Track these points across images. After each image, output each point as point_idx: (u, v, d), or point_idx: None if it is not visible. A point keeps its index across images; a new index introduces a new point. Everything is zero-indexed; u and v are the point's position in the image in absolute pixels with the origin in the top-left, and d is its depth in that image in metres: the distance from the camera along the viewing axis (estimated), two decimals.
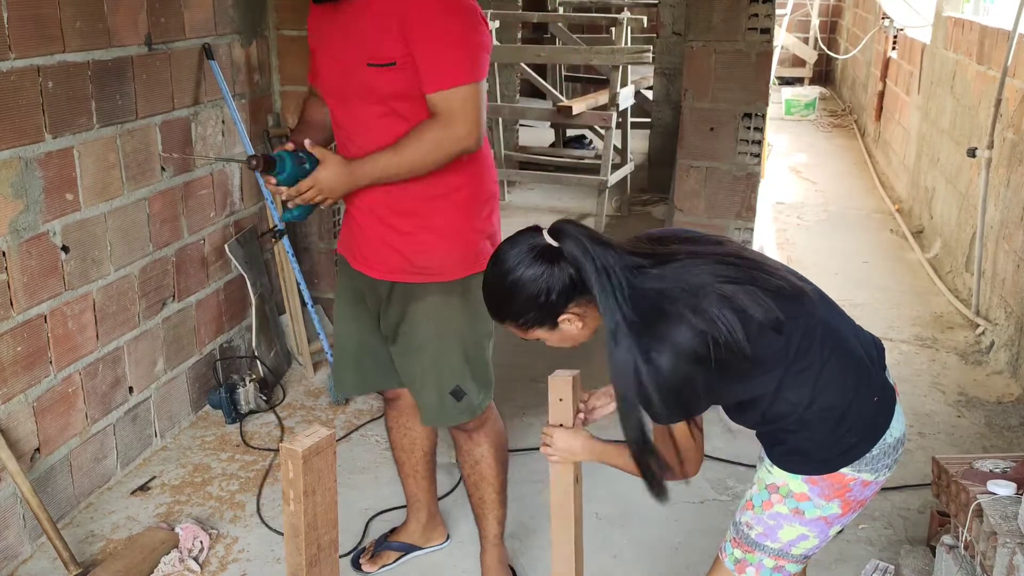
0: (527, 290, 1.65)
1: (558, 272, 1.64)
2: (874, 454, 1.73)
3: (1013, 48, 4.19)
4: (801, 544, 1.77)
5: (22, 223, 2.61)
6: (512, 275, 1.66)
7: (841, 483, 1.72)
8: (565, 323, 1.69)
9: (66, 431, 2.85)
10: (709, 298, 1.57)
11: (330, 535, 1.88)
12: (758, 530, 1.78)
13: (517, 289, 1.66)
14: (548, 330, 1.71)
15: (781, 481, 1.75)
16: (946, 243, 5.19)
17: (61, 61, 2.71)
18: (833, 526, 1.77)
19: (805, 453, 1.72)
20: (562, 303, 1.66)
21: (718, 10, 3.63)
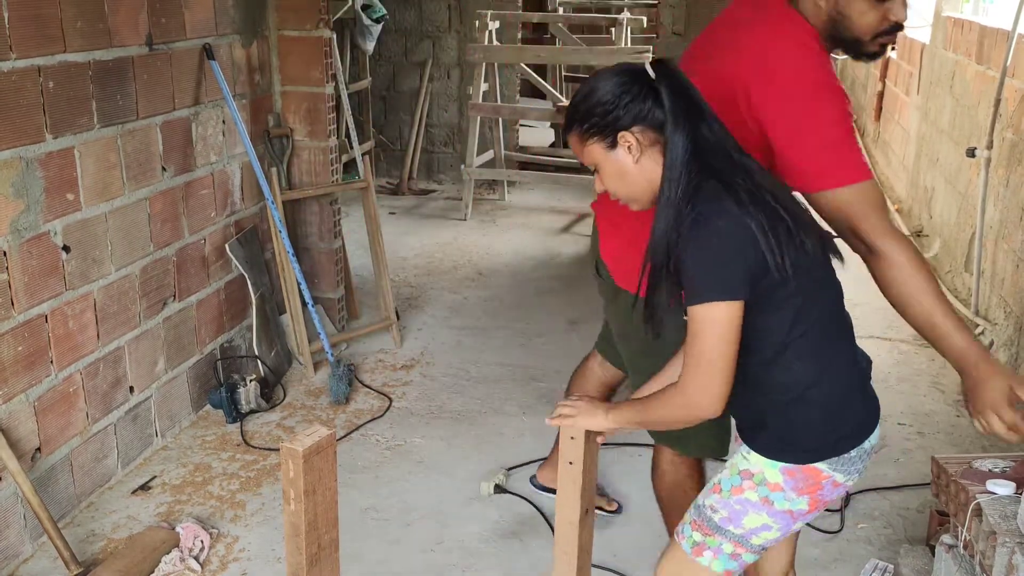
0: (604, 89, 1.68)
1: (638, 91, 1.66)
2: (852, 455, 1.74)
3: (1012, 48, 4.19)
4: (763, 534, 1.77)
5: (23, 223, 2.62)
6: (600, 77, 1.70)
7: (815, 479, 1.72)
8: (623, 144, 1.69)
9: (67, 431, 2.85)
10: (768, 205, 1.61)
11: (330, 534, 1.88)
12: (722, 514, 1.78)
13: (597, 88, 1.69)
14: (605, 148, 1.71)
15: (757, 468, 1.75)
16: (945, 243, 5.20)
17: (62, 61, 2.71)
18: (797, 521, 1.77)
19: (792, 440, 1.72)
20: (628, 119, 1.67)
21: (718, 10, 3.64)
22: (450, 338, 4.33)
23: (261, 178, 3.71)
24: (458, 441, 3.41)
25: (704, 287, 1.60)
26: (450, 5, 6.98)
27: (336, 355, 3.89)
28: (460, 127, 7.14)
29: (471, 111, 6.31)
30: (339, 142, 4.29)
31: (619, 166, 1.71)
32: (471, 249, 5.70)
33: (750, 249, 1.58)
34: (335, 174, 4.12)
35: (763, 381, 1.73)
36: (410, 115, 7.13)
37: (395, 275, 5.08)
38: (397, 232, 5.92)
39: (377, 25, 6.21)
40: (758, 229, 1.58)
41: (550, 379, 3.86)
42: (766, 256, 1.59)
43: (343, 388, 3.68)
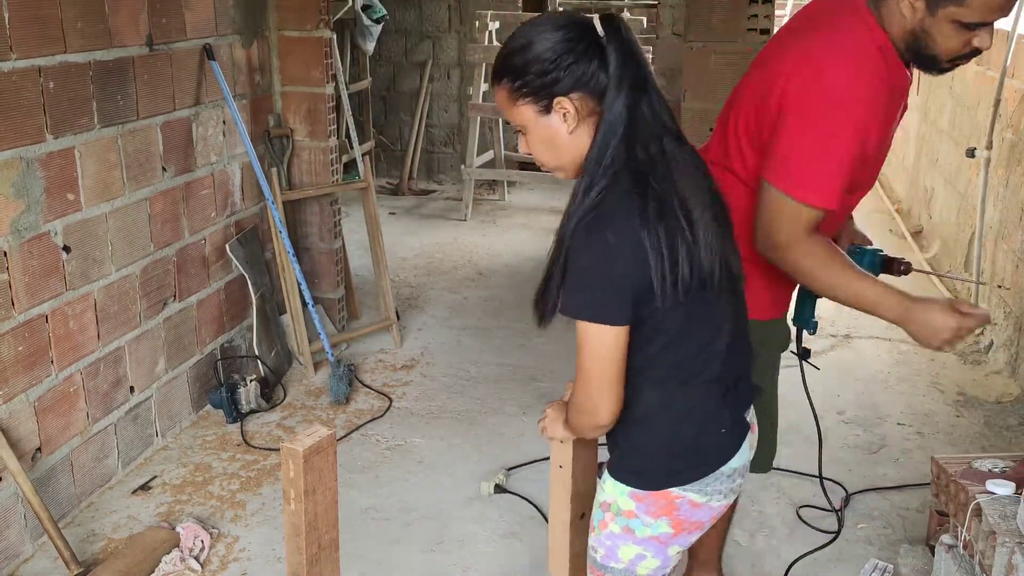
0: (545, 43, 1.46)
1: (583, 50, 1.46)
2: (706, 479, 1.61)
3: (1012, 48, 4.19)
4: (643, 564, 1.67)
5: (23, 223, 2.62)
6: (541, 26, 1.48)
7: (667, 500, 1.61)
8: (558, 111, 1.49)
9: (67, 431, 2.85)
10: (675, 216, 1.46)
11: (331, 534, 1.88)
12: (601, 552, 1.70)
13: (536, 40, 1.47)
14: (537, 112, 1.50)
15: (611, 498, 1.66)
16: (945, 243, 5.20)
17: (62, 61, 2.71)
18: (670, 546, 1.66)
19: (633, 462, 1.63)
20: (568, 83, 1.46)
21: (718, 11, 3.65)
22: (450, 338, 4.34)
23: (261, 178, 3.71)
24: (458, 441, 3.41)
25: (582, 304, 1.48)
26: (450, 5, 6.98)
27: (336, 355, 3.89)
28: (460, 127, 7.15)
29: (471, 111, 6.31)
30: (339, 142, 4.29)
31: (550, 133, 1.51)
32: (471, 249, 5.71)
33: (637, 272, 1.44)
34: (335, 174, 4.12)
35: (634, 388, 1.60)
36: (410, 115, 7.14)
37: (395, 275, 5.09)
38: (397, 232, 5.93)
39: (377, 25, 6.22)
40: (652, 249, 1.43)
41: (550, 379, 3.86)
42: (653, 281, 1.44)
43: (343, 388, 3.68)
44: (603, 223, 1.44)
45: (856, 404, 3.69)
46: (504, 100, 1.53)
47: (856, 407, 3.67)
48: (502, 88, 1.52)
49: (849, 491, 3.07)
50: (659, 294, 1.45)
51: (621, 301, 1.46)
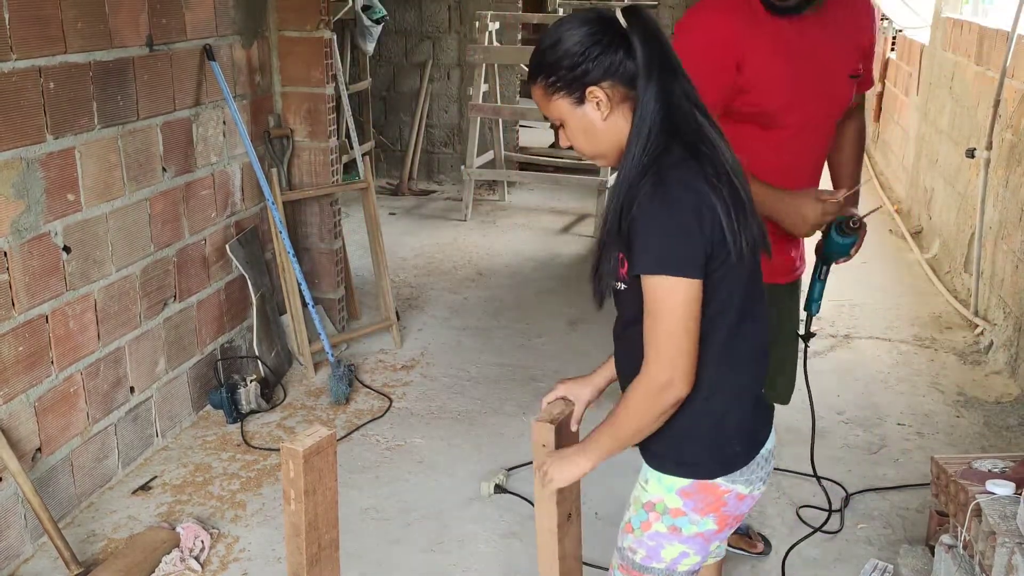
0: (572, 39, 1.54)
1: (608, 41, 1.53)
2: (750, 465, 1.64)
3: (1012, 49, 4.20)
4: (684, 562, 1.68)
5: (24, 223, 2.62)
6: (568, 23, 1.56)
7: (715, 496, 1.62)
8: (591, 100, 1.55)
9: (67, 431, 2.86)
10: (731, 181, 1.52)
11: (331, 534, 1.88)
12: (641, 553, 1.69)
13: (564, 36, 1.55)
14: (572, 103, 1.57)
15: (657, 498, 1.65)
16: (945, 243, 5.20)
17: (63, 62, 2.72)
18: (712, 542, 1.68)
19: (683, 453, 1.62)
20: (598, 73, 1.53)
21: None
22: (450, 338, 4.34)
23: (261, 178, 3.72)
24: (458, 441, 3.41)
25: (662, 259, 1.47)
26: (450, 6, 6.98)
27: (336, 355, 3.89)
28: (460, 128, 7.15)
29: (471, 112, 6.31)
30: (339, 143, 4.29)
31: (586, 123, 1.58)
32: (471, 249, 5.71)
33: (711, 226, 1.47)
34: (335, 174, 4.12)
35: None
36: (410, 116, 7.14)
37: (395, 275, 5.09)
38: (397, 232, 5.93)
39: (377, 26, 6.22)
40: (722, 206, 1.48)
41: (550, 379, 3.86)
42: (726, 236, 1.48)
43: (343, 388, 3.68)
44: (670, 180, 1.48)
45: (856, 404, 3.69)
46: (541, 97, 1.60)
47: (856, 407, 3.67)
48: (538, 86, 1.60)
49: (849, 491, 3.07)
50: (732, 249, 1.48)
51: (697, 254, 1.47)
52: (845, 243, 2.28)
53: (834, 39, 2.17)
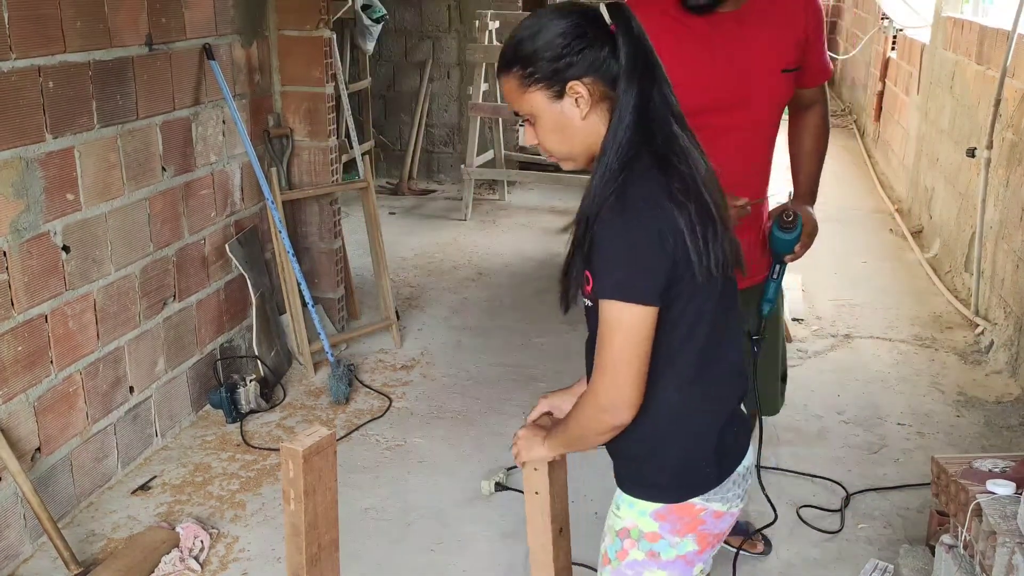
0: (555, 29, 1.45)
1: (593, 36, 1.45)
2: (725, 484, 1.57)
3: (1012, 48, 4.19)
4: None
5: (23, 223, 2.62)
6: (549, 14, 1.47)
7: (692, 515, 1.55)
8: (571, 95, 1.46)
9: (67, 431, 2.85)
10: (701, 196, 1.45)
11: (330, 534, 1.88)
12: None
13: (546, 26, 1.46)
14: (550, 98, 1.48)
15: (630, 523, 1.58)
16: (945, 243, 5.20)
17: (62, 61, 2.71)
18: (695, 565, 1.60)
19: (657, 475, 1.56)
20: (581, 67, 1.45)
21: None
22: (450, 338, 4.34)
23: (261, 178, 3.71)
24: (458, 441, 3.41)
25: (617, 283, 1.42)
26: (450, 5, 6.98)
27: (336, 355, 3.89)
28: (460, 127, 7.15)
29: (471, 111, 6.31)
30: (339, 142, 4.29)
31: (562, 120, 1.49)
32: (471, 249, 5.70)
33: (674, 247, 1.40)
34: (335, 174, 4.12)
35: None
36: (410, 115, 7.13)
37: (395, 275, 5.09)
38: (397, 232, 5.92)
39: (377, 25, 6.21)
40: (687, 225, 1.40)
41: (550, 379, 3.86)
42: (691, 256, 1.41)
43: (343, 388, 3.68)
44: (632, 200, 1.41)
45: (856, 404, 3.69)
46: (514, 89, 1.50)
47: (856, 407, 3.67)
48: (511, 77, 1.49)
49: (849, 491, 3.07)
50: (698, 270, 1.42)
51: (655, 280, 1.41)
52: (787, 239, 2.28)
53: (756, 35, 2.11)
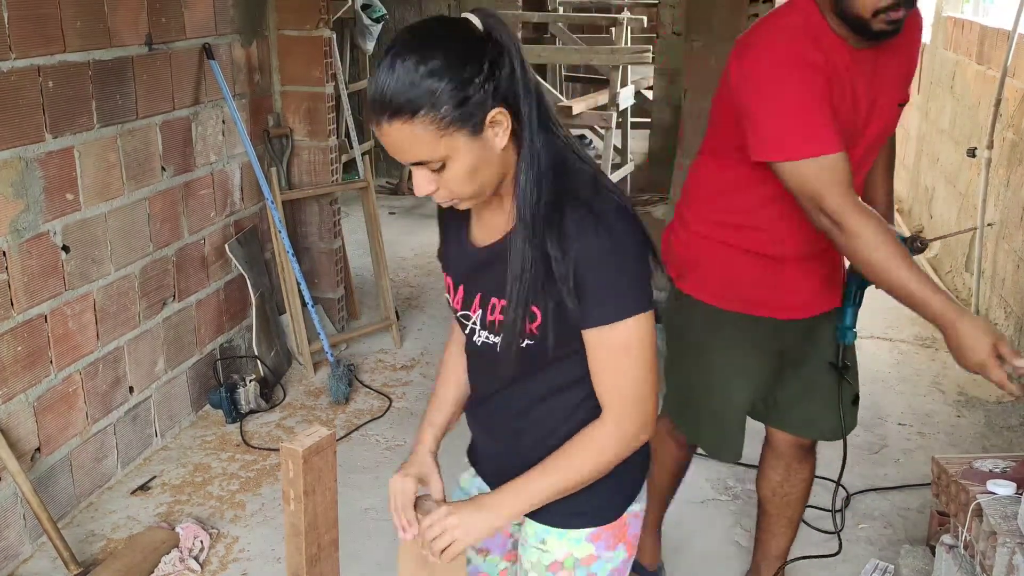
0: (450, 59, 1.22)
1: (486, 55, 1.25)
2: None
3: (1013, 48, 4.19)
4: None
5: (23, 223, 2.62)
6: (426, 46, 1.23)
7: (620, 525, 1.49)
8: (491, 127, 1.27)
9: (66, 431, 2.85)
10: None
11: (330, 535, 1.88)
12: None
13: (434, 57, 1.22)
14: (470, 135, 1.25)
15: (563, 554, 1.48)
16: (946, 243, 5.20)
17: (61, 61, 2.71)
18: (628, 569, 1.55)
19: (594, 498, 1.45)
20: (491, 92, 1.25)
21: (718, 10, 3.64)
22: None
23: (261, 178, 3.71)
24: (457, 441, 3.39)
25: (622, 304, 1.32)
26: (450, 5, 6.97)
27: (336, 355, 3.88)
28: None
29: None
30: (339, 142, 4.29)
31: (483, 155, 1.28)
32: None
33: (646, 255, 1.35)
34: (335, 174, 4.11)
35: (578, 421, 1.42)
36: None
37: (395, 275, 5.08)
38: (397, 232, 5.92)
39: (377, 25, 6.21)
40: (645, 232, 1.36)
41: None
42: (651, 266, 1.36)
43: (343, 388, 3.68)
44: (604, 214, 1.31)
45: None
46: (421, 137, 1.24)
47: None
48: (415, 124, 1.23)
49: (850, 491, 3.06)
50: (655, 278, 1.37)
51: (649, 285, 1.35)
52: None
53: (887, 68, 2.00)
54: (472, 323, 1.46)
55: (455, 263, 1.50)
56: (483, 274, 1.42)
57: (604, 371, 1.36)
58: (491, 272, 1.39)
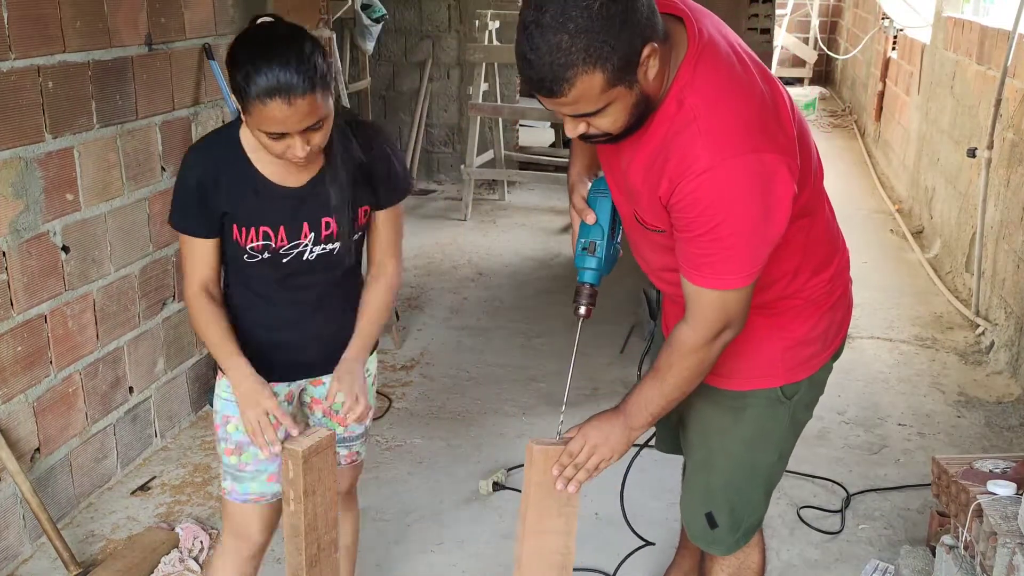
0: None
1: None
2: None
3: (1013, 48, 4.19)
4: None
5: (22, 223, 2.61)
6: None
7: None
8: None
9: (66, 431, 2.85)
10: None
11: (330, 535, 1.88)
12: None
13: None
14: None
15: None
16: (946, 243, 5.19)
17: (61, 61, 2.71)
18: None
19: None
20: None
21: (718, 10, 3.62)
22: (450, 338, 4.33)
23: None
24: (458, 441, 3.40)
25: (409, 179, 1.98)
26: (450, 5, 6.97)
27: None
28: (460, 127, 7.14)
29: (471, 111, 6.31)
30: None
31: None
32: (471, 249, 5.70)
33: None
34: None
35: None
36: (410, 115, 7.13)
37: None
38: None
39: (377, 25, 6.21)
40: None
41: (550, 380, 3.85)
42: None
43: None
44: (376, 127, 1.92)
45: (857, 404, 3.69)
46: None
47: (857, 407, 3.66)
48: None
49: (850, 492, 3.06)
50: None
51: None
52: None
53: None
54: (303, 247, 1.86)
55: (267, 213, 1.83)
56: (306, 205, 1.83)
57: (389, 240, 1.97)
58: (314, 201, 1.83)
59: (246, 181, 1.83)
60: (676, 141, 1.52)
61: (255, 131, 1.71)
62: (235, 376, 1.87)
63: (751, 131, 1.52)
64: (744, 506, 1.98)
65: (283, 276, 1.90)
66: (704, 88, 1.53)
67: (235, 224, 1.84)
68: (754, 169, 1.50)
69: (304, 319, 1.97)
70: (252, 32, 1.69)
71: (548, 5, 1.38)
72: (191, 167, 1.86)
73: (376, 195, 1.90)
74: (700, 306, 1.62)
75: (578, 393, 3.61)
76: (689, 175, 1.50)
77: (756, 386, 1.87)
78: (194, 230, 1.87)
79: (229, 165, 1.83)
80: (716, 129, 1.50)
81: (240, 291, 1.95)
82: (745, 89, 1.56)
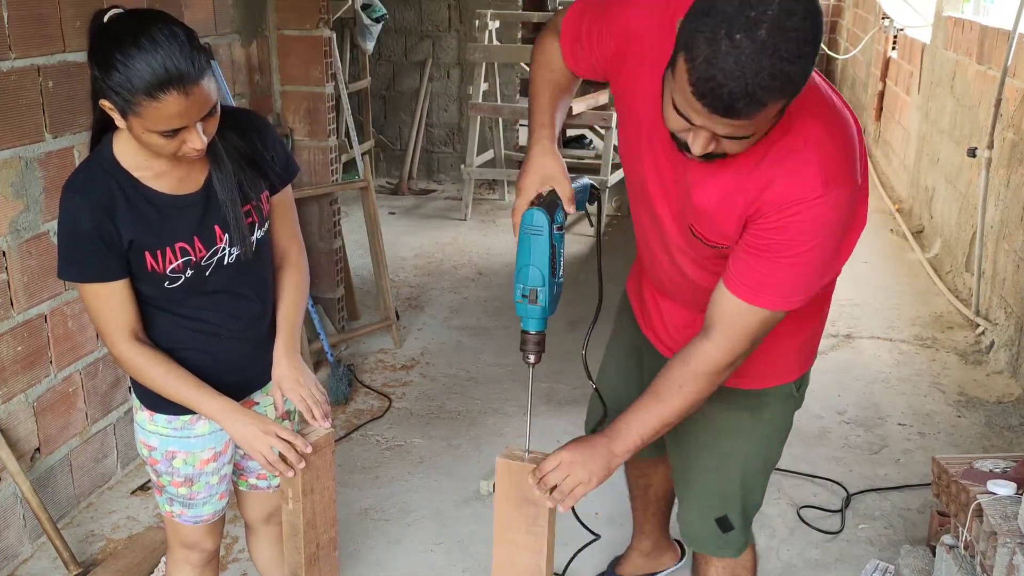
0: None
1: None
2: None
3: (1013, 48, 4.19)
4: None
5: (22, 223, 2.61)
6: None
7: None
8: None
9: (66, 431, 2.85)
10: None
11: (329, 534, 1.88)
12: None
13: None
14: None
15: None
16: (946, 243, 5.19)
17: (61, 61, 2.71)
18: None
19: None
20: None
21: None
22: (450, 338, 4.33)
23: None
24: (458, 441, 3.40)
25: (293, 161, 1.92)
26: (450, 5, 6.97)
27: (336, 355, 3.88)
28: (460, 127, 7.14)
29: (471, 111, 6.31)
30: (339, 142, 4.29)
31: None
32: (471, 249, 5.70)
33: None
34: (335, 174, 4.11)
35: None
36: (410, 115, 7.13)
37: (395, 275, 5.08)
38: (397, 232, 5.92)
39: (377, 25, 6.21)
40: None
41: (550, 379, 3.85)
42: None
43: (343, 388, 3.68)
44: (253, 114, 1.86)
45: (857, 404, 3.69)
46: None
47: (857, 407, 3.66)
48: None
49: (850, 491, 3.06)
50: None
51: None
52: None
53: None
54: (221, 250, 1.74)
55: (177, 228, 1.69)
56: (211, 207, 1.71)
57: (286, 225, 1.89)
58: (216, 201, 1.71)
59: (142, 202, 1.66)
60: (783, 165, 1.50)
61: (144, 135, 1.53)
62: (229, 420, 1.77)
63: (853, 163, 1.53)
64: (753, 503, 2.00)
65: (212, 291, 1.77)
66: (813, 116, 1.51)
67: (147, 252, 1.67)
68: (847, 202, 1.52)
69: (248, 327, 1.87)
70: (114, 28, 1.50)
71: (764, 19, 1.27)
72: (79, 210, 1.61)
73: (268, 179, 1.79)
74: (738, 324, 1.58)
75: (579, 393, 3.62)
76: (801, 202, 1.49)
77: (774, 383, 1.87)
78: (105, 276, 1.65)
79: (119, 191, 1.63)
80: (828, 158, 1.49)
81: (168, 329, 1.78)
82: (845, 118, 1.56)
